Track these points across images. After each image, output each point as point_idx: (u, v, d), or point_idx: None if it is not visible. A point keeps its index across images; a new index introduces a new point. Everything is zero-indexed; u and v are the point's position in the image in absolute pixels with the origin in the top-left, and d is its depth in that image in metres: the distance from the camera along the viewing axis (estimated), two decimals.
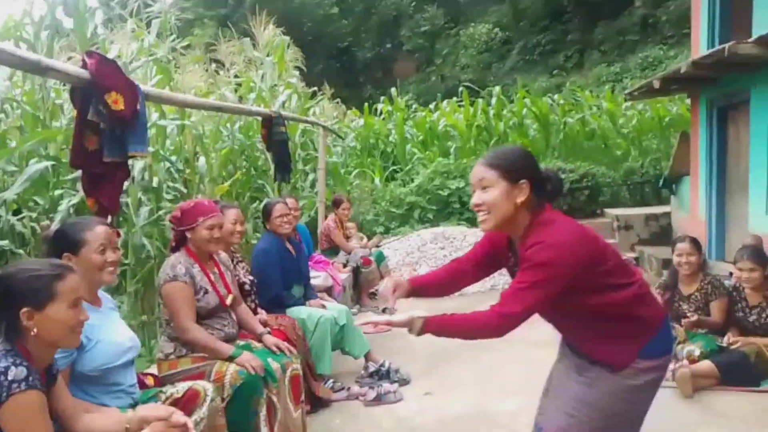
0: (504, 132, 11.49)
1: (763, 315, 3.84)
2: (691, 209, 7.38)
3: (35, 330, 1.61)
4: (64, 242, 2.10)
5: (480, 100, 12.36)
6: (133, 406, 2.06)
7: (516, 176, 1.80)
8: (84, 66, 2.65)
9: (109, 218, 2.73)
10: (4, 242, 3.52)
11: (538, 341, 4.61)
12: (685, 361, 3.69)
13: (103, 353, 2.04)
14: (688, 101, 8.00)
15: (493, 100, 12.08)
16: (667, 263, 4.41)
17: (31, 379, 1.54)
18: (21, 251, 3.75)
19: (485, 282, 6.94)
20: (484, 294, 6.70)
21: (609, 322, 1.83)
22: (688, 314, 3.91)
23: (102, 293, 2.25)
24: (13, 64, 2.33)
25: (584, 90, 14.36)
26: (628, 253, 7.41)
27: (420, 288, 2.03)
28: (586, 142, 11.38)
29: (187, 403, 2.17)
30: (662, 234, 7.99)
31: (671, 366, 3.75)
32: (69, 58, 4.98)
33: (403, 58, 27.05)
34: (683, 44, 16.16)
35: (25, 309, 1.60)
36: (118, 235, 2.44)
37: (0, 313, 1.62)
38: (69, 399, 1.85)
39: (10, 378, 1.51)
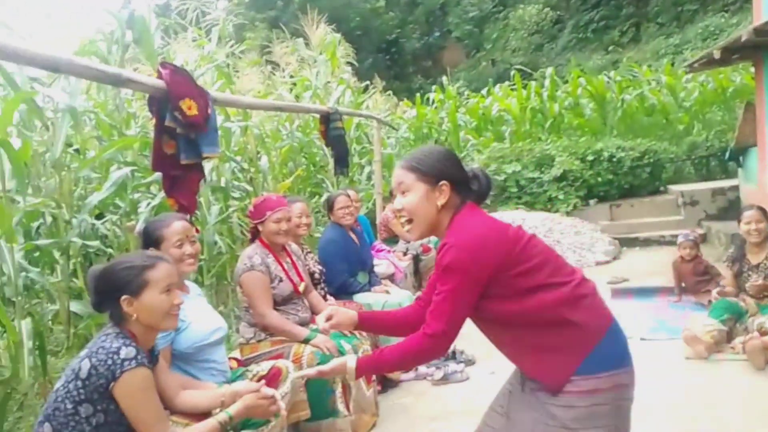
0: (559, 113, 11.32)
1: None
2: (759, 181, 7.12)
3: (135, 315, 1.82)
4: (147, 239, 2.33)
5: (533, 83, 12.20)
6: (227, 383, 2.27)
7: (435, 178, 1.71)
8: (159, 76, 2.87)
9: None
10: (95, 243, 3.83)
11: None
12: (756, 333, 3.65)
13: (196, 332, 2.27)
14: (753, 70, 7.69)
15: (547, 82, 11.90)
16: (736, 238, 4.34)
17: (139, 357, 1.74)
18: (110, 250, 4.07)
19: None
20: None
21: (538, 330, 1.61)
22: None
23: (189, 282, 2.48)
24: (98, 78, 2.56)
25: (641, 65, 13.93)
26: (696, 229, 7.22)
27: (366, 322, 1.94)
28: (645, 119, 11.07)
29: (272, 379, 2.36)
30: (730, 208, 7.74)
31: (742, 338, 3.72)
32: (135, 69, 5.31)
33: (451, 46, 26.90)
34: (746, 10, 15.41)
35: (124, 297, 1.81)
36: (197, 231, 2.66)
37: (107, 302, 1.85)
38: (169, 376, 2.07)
39: (122, 356, 1.71)
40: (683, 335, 3.84)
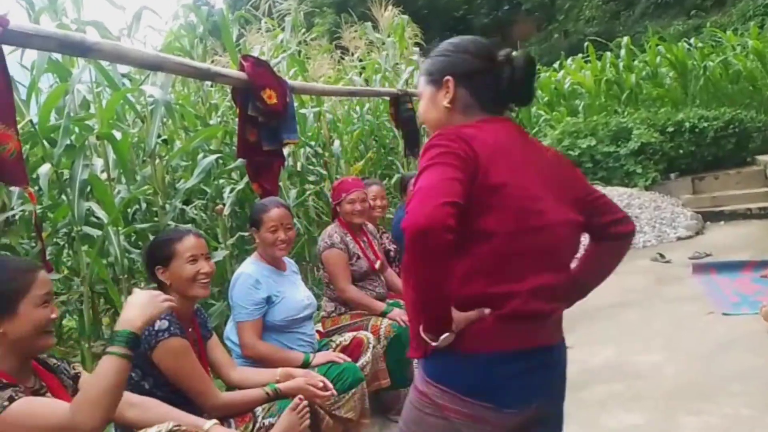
0: (637, 84, 10.88)
1: None
2: None
3: (169, 282, 2.05)
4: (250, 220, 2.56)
5: (608, 54, 11.77)
6: (313, 353, 2.48)
7: (438, 74, 1.41)
8: (241, 69, 3.07)
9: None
10: (187, 226, 4.14)
11: (688, 296, 4.59)
12: None
13: (287, 307, 2.48)
14: None
15: (622, 52, 11.46)
16: None
17: (172, 328, 1.96)
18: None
19: None
20: None
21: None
22: None
23: (287, 259, 2.72)
24: (191, 74, 2.80)
25: (727, 30, 13.11)
26: None
27: None
28: (730, 86, 10.46)
29: (354, 349, 2.54)
30: None
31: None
32: (212, 61, 5.60)
33: (521, 19, 26.20)
34: None
35: (158, 266, 2.06)
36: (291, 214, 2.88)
37: (151, 273, 2.12)
38: (223, 354, 2.28)
39: (156, 328, 1.94)
40: (762, 310, 3.74)
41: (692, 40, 11.81)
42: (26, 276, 1.49)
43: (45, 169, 3.04)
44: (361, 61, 8.17)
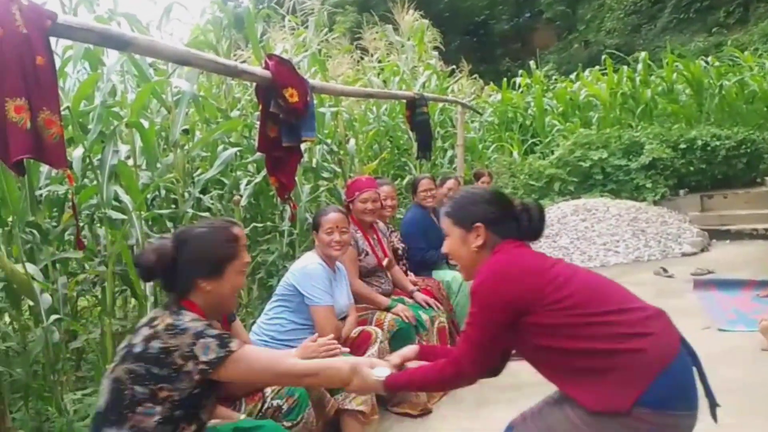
0: (652, 99, 10.95)
1: None
2: None
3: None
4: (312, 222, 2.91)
5: (625, 67, 11.83)
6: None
7: (467, 221, 1.76)
8: (266, 67, 3.22)
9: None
10: (206, 214, 4.29)
11: (686, 310, 4.68)
12: None
13: (336, 308, 2.70)
14: None
15: (639, 66, 11.51)
16: None
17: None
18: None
19: (628, 253, 6.90)
20: (628, 265, 6.69)
21: (587, 360, 1.58)
22: None
23: (339, 265, 3.03)
24: (218, 70, 2.94)
25: (748, 48, 13.13)
26: None
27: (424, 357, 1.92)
28: (744, 107, 10.51)
29: (362, 343, 2.69)
30: None
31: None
32: (235, 56, 5.76)
33: (542, 28, 26.22)
34: None
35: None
36: (294, 207, 3.05)
37: None
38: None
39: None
40: (761, 324, 3.84)
41: (709, 59, 11.85)
42: (234, 245, 1.78)
43: (78, 153, 3.20)
44: (380, 62, 8.31)
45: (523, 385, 3.50)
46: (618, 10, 23.80)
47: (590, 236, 7.26)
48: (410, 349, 1.91)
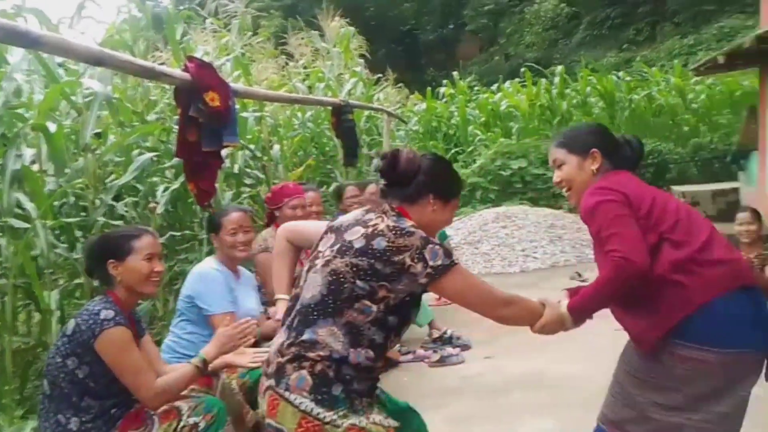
0: (567, 111, 11.48)
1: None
2: (758, 184, 7.29)
3: (119, 278, 2.11)
4: (210, 225, 2.73)
5: (543, 80, 12.35)
6: None
7: (583, 147, 1.93)
8: (186, 69, 3.10)
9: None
10: (118, 222, 4.08)
11: (600, 312, 4.86)
12: None
13: (238, 314, 2.56)
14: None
15: (556, 80, 12.05)
16: (731, 239, 4.53)
17: (117, 318, 2.01)
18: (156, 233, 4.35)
19: (545, 259, 7.14)
20: (546, 270, 6.91)
21: (644, 286, 1.69)
22: None
23: (245, 271, 2.86)
24: (135, 72, 2.80)
25: (656, 64, 14.01)
26: None
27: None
28: (653, 119, 11.22)
29: None
30: (729, 210, 7.86)
31: None
32: (152, 57, 5.53)
33: (466, 39, 26.94)
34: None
35: (111, 260, 2.11)
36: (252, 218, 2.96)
37: (98, 267, 2.16)
38: (156, 352, 2.32)
39: (101, 317, 1.99)
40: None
41: (621, 74, 12.57)
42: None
43: None
44: (305, 68, 8.24)
45: (446, 392, 3.56)
46: (537, 25, 24.83)
47: (510, 243, 7.47)
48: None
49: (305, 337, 1.62)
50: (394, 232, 1.63)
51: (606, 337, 4.17)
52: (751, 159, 7.77)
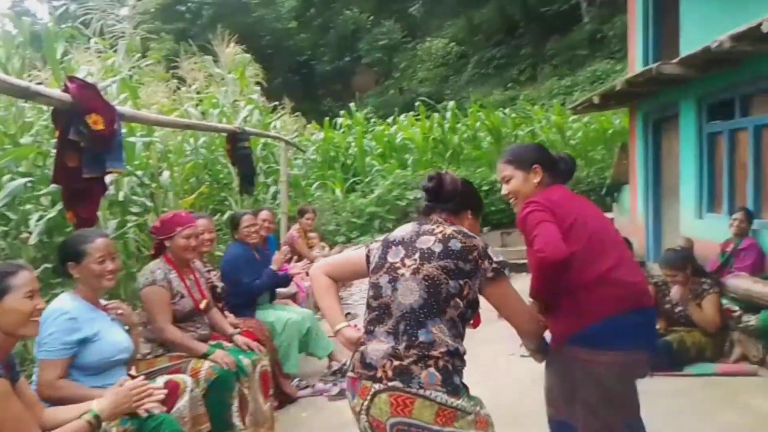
0: (459, 144, 11.95)
1: (686, 309, 4.29)
2: (630, 214, 7.93)
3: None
4: (67, 253, 2.36)
5: (436, 114, 12.81)
6: None
7: (527, 163, 2.21)
8: (66, 90, 2.87)
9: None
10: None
11: (495, 338, 5.01)
12: None
13: (103, 348, 2.32)
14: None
15: (448, 114, 12.54)
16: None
17: None
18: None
19: None
20: None
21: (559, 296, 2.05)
22: None
23: (103, 300, 2.51)
24: (6, 91, 2.54)
25: (537, 102, 14.96)
26: None
27: None
28: None
29: (169, 394, 2.41)
30: None
31: None
32: (29, 75, 5.13)
33: (361, 72, 27.49)
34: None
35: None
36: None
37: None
38: (32, 395, 2.08)
39: None
40: None
41: (507, 110, 13.33)
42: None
43: None
44: (198, 93, 7.98)
45: (346, 425, 3.48)
46: (428, 61, 25.87)
47: None
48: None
49: (422, 338, 1.77)
50: (462, 234, 1.87)
51: (497, 362, 4.33)
52: (623, 191, 8.46)
